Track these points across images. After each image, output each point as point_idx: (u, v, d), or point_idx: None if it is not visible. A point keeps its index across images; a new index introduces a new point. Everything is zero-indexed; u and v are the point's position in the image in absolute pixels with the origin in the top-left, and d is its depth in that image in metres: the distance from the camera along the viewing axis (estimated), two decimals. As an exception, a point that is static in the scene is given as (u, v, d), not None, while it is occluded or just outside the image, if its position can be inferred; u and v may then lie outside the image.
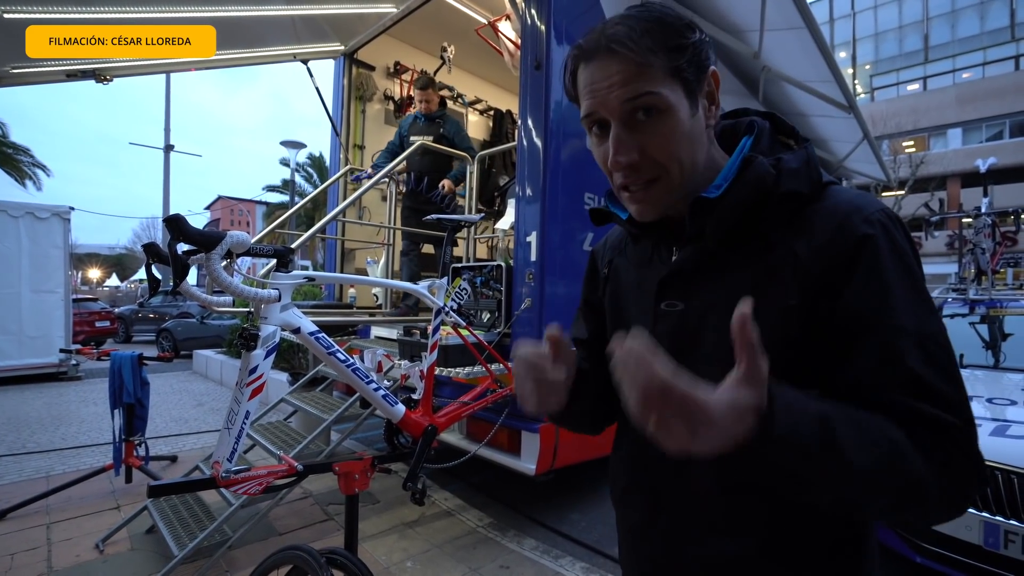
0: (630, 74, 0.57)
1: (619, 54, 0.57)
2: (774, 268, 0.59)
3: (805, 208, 0.60)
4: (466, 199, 4.60)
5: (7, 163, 15.31)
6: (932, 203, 8.58)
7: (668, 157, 0.60)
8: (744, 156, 0.63)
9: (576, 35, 2.72)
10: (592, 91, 0.60)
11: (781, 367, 0.56)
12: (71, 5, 2.83)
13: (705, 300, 0.64)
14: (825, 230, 0.58)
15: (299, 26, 3.98)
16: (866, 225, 0.57)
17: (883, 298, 0.55)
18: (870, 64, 29.26)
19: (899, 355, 0.53)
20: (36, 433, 4.57)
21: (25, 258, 6.76)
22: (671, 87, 0.58)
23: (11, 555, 2.44)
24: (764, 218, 0.61)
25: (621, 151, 0.60)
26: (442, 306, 2.13)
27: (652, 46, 0.57)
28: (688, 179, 0.62)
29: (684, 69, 0.58)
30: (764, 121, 0.68)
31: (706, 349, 0.63)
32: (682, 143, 0.60)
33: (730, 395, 0.44)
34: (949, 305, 4.09)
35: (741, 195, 0.60)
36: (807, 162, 0.62)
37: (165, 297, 13.01)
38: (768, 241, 0.60)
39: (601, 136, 0.62)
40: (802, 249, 0.58)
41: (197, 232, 1.25)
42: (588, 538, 2.75)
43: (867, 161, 7.47)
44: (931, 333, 0.54)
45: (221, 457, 1.46)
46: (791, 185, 0.60)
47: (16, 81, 3.19)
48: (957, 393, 0.54)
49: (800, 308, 0.57)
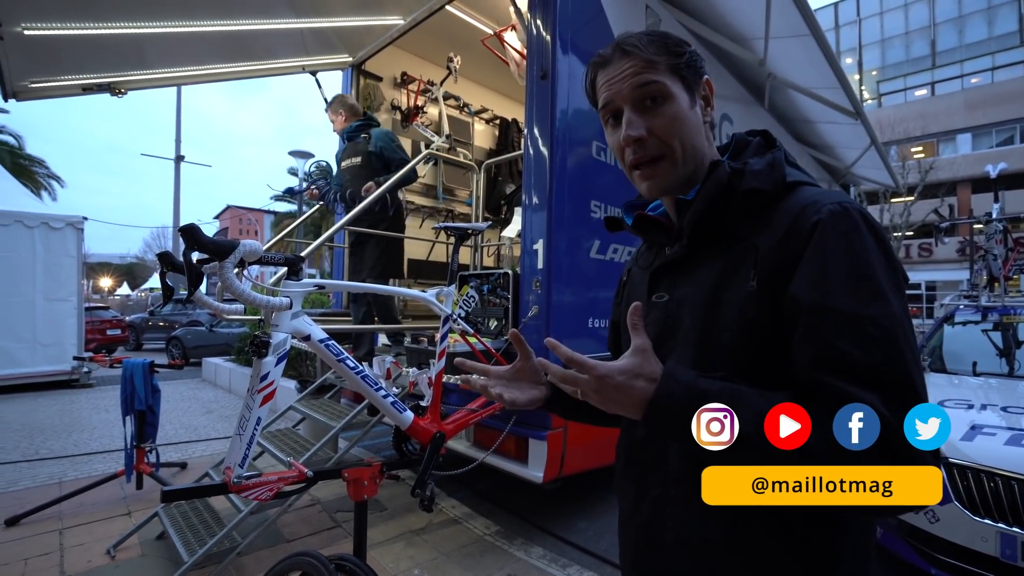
0: (640, 68, 0.69)
1: (631, 53, 0.70)
2: (739, 259, 0.66)
3: (772, 205, 0.67)
4: (472, 208, 4.63)
5: (23, 174, 15.60)
6: (942, 209, 8.50)
7: (672, 135, 0.70)
8: (712, 160, 0.72)
9: (581, 44, 2.76)
10: (608, 85, 0.72)
11: (748, 352, 0.64)
12: (87, 21, 2.90)
13: (683, 291, 0.73)
14: (783, 224, 0.64)
15: (308, 38, 4.05)
16: (815, 216, 0.61)
17: (819, 281, 0.58)
18: (877, 70, 29.17)
19: (823, 334, 0.56)
20: (49, 439, 4.62)
21: (39, 267, 6.87)
22: (673, 81, 0.70)
23: (24, 560, 2.47)
24: (731, 215, 0.69)
25: (632, 127, 0.70)
26: (450, 313, 2.14)
27: (656, 51, 0.70)
28: (690, 161, 0.71)
29: (683, 68, 0.71)
30: (752, 137, 0.77)
31: (683, 334, 0.71)
32: (684, 126, 0.70)
33: (625, 361, 0.60)
34: (961, 312, 4.05)
35: (704, 193, 0.69)
36: (771, 164, 0.69)
37: (175, 305, 13.15)
38: (734, 236, 0.68)
39: (614, 125, 0.73)
40: (762, 242, 0.64)
41: (211, 241, 1.28)
42: (596, 547, 2.73)
43: (875, 167, 7.45)
44: (869, 316, 0.56)
45: (233, 463, 1.47)
46: (752, 183, 0.67)
47: (35, 95, 3.27)
48: (894, 373, 0.54)
49: (757, 295, 0.63)
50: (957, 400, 2.67)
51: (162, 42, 3.42)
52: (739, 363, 0.64)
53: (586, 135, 2.83)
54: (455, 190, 5.53)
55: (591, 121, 2.88)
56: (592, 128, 2.87)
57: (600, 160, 2.90)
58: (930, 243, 21.43)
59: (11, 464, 3.90)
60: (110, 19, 2.98)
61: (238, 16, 3.42)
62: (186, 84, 4.12)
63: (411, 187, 5.03)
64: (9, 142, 16.98)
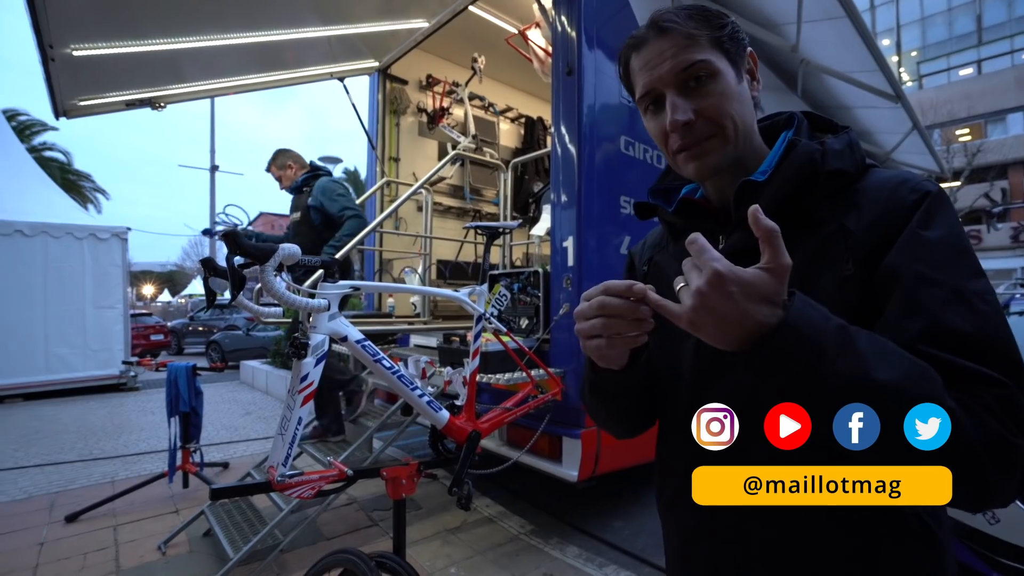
0: (680, 47, 0.63)
1: (669, 31, 0.63)
2: (827, 243, 0.60)
3: (850, 187, 0.63)
4: (500, 207, 4.64)
5: (72, 189, 16.46)
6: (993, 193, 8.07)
7: (722, 114, 0.63)
8: (789, 139, 0.66)
9: (606, 39, 2.72)
10: (647, 68, 0.65)
11: None
12: (130, 39, 3.03)
13: None
14: (876, 203, 0.60)
15: (335, 46, 4.13)
16: (916, 193, 0.58)
17: (922, 253, 0.55)
18: (916, 51, 27.82)
19: (931, 306, 0.52)
20: (101, 441, 4.86)
21: (88, 276, 7.22)
22: (717, 56, 0.63)
23: (84, 555, 2.60)
24: (812, 197, 0.63)
25: (678, 111, 0.63)
26: (483, 312, 2.15)
27: (696, 26, 0.63)
28: (743, 139, 0.65)
29: (726, 41, 0.64)
30: (802, 116, 0.71)
31: None
32: (733, 102, 0.64)
33: (754, 271, 0.47)
34: (1018, 302, 3.83)
35: (788, 174, 0.63)
36: (850, 145, 0.64)
37: (213, 310, 13.64)
38: (817, 219, 0.62)
39: (656, 112, 0.67)
40: (853, 223, 0.60)
41: (252, 246, 1.31)
42: (633, 547, 2.69)
43: (918, 152, 7.11)
44: (975, 290, 0.53)
45: (276, 462, 1.51)
46: (837, 164, 0.62)
47: (83, 112, 3.43)
48: (1006, 349, 0.50)
49: (856, 279, 0.58)
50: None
51: (198, 56, 3.54)
52: None
53: (613, 130, 2.79)
54: (482, 190, 5.55)
55: (618, 116, 2.84)
56: (619, 123, 2.84)
57: (628, 155, 2.86)
58: (979, 230, 20.34)
59: (69, 464, 4.12)
60: (151, 36, 3.10)
61: (269, 27, 3.51)
62: (220, 95, 4.26)
63: (438, 187, 5.08)
64: (59, 158, 17.95)
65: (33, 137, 17.21)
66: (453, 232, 5.07)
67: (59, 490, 3.54)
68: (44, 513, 3.14)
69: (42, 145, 17.64)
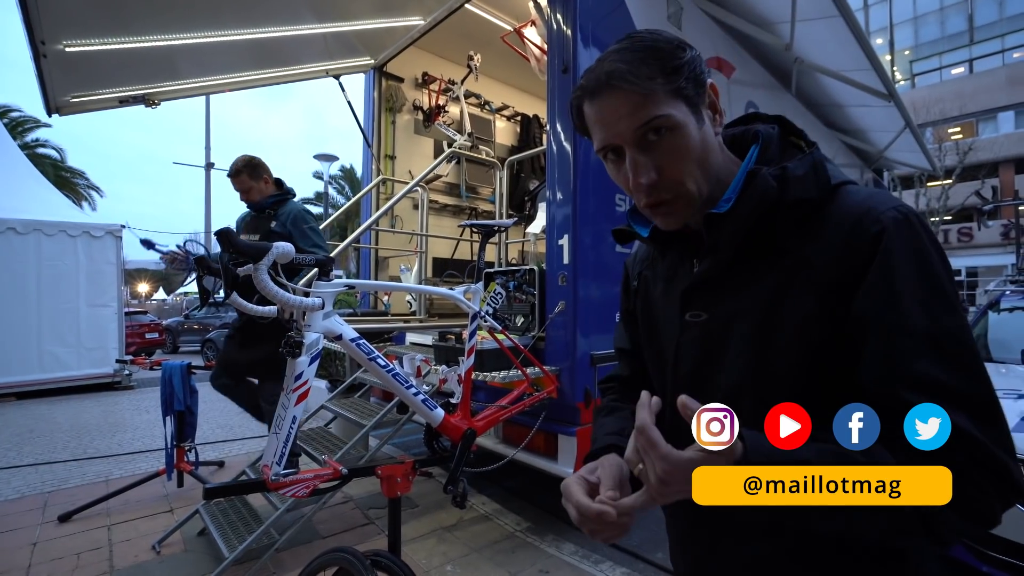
0: (635, 104, 0.60)
1: (622, 89, 0.60)
2: (790, 276, 0.61)
3: (818, 212, 0.62)
4: (496, 205, 4.64)
5: (66, 186, 16.35)
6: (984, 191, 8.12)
7: (684, 174, 0.63)
8: (748, 170, 0.65)
9: (602, 36, 2.72)
10: (603, 125, 0.64)
11: (808, 376, 0.60)
12: (123, 35, 3.01)
13: (728, 309, 0.66)
14: (838, 234, 0.59)
15: (331, 43, 4.11)
16: (876, 226, 0.57)
17: (890, 299, 0.55)
18: (909, 49, 27.95)
19: (903, 356, 0.53)
20: (95, 439, 4.83)
21: (82, 274, 7.16)
22: (676, 106, 0.61)
23: (77, 554, 2.59)
24: (776, 227, 0.63)
25: (641, 173, 0.62)
26: (477, 311, 2.15)
27: (650, 73, 0.60)
28: (706, 186, 0.65)
29: (684, 87, 0.61)
30: (771, 127, 0.70)
31: (731, 355, 0.65)
32: (694, 156, 0.63)
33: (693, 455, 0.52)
34: (1008, 298, 3.86)
35: (747, 208, 0.62)
36: (813, 167, 0.63)
37: (208, 309, 13.58)
38: (782, 249, 0.62)
39: (617, 161, 0.66)
40: (815, 255, 0.60)
41: (246, 244, 1.31)
42: (628, 543, 2.71)
43: (910, 150, 7.17)
44: (946, 331, 0.54)
45: (270, 461, 1.51)
46: (798, 193, 0.61)
47: (75, 109, 3.41)
48: (974, 390, 0.52)
49: (819, 316, 0.58)
50: (1005, 390, 2.55)
51: (193, 52, 3.52)
52: (796, 389, 0.59)
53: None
54: (478, 188, 5.55)
55: (614, 114, 2.84)
56: (615, 121, 2.84)
57: (624, 153, 2.86)
58: (970, 227, 20.47)
59: (62, 463, 4.10)
60: (145, 32, 3.09)
61: (264, 24, 3.50)
62: (215, 92, 4.24)
63: (434, 185, 5.08)
64: (52, 155, 17.82)
65: (26, 134, 17.08)
66: (449, 230, 5.07)
67: (52, 489, 3.52)
68: (37, 513, 3.12)
69: (35, 142, 17.52)
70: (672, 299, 0.74)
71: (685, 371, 0.71)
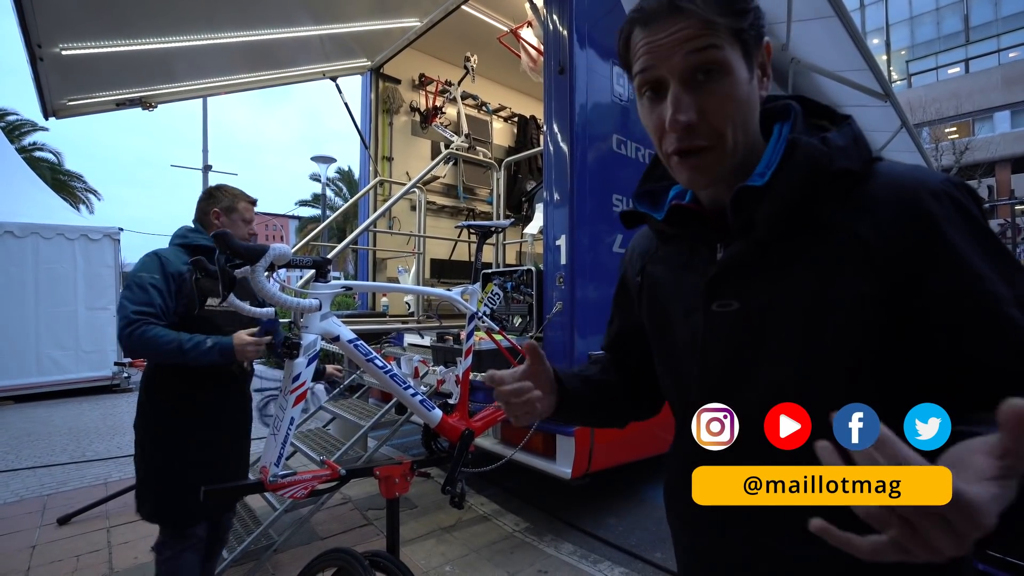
0: (696, 31, 0.55)
1: (685, 11, 0.55)
2: (838, 254, 0.55)
3: (857, 187, 0.57)
4: (493, 206, 4.65)
5: (63, 189, 16.33)
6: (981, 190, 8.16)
7: (726, 120, 0.57)
8: (788, 138, 0.60)
9: (598, 38, 2.73)
10: (652, 48, 0.57)
11: (865, 361, 0.55)
12: (120, 38, 3.01)
13: (766, 297, 0.60)
14: (889, 208, 0.54)
15: (327, 45, 4.12)
16: (935, 201, 0.53)
17: (971, 272, 0.51)
18: (905, 49, 28.05)
19: (1007, 323, 0.50)
20: (94, 442, 4.82)
21: (80, 278, 7.15)
22: (734, 50, 0.56)
23: (76, 557, 2.59)
24: (818, 201, 0.57)
25: (681, 109, 0.56)
26: (475, 311, 2.16)
27: (718, 9, 0.55)
28: (741, 148, 0.59)
29: (746, 32, 0.57)
30: (797, 105, 0.65)
31: (772, 347, 0.59)
32: (740, 107, 0.58)
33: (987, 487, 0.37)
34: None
35: (793, 179, 0.56)
36: (855, 139, 0.59)
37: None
38: (825, 225, 0.57)
39: (654, 100, 0.60)
40: (866, 230, 0.54)
41: (242, 246, 1.31)
42: (626, 543, 2.71)
43: (907, 150, 7.18)
44: None
45: (268, 462, 1.51)
46: (843, 163, 0.56)
47: (72, 112, 3.40)
48: None
49: (876, 296, 0.54)
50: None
51: (189, 55, 3.52)
52: (854, 379, 0.55)
53: (605, 129, 2.81)
54: (475, 189, 5.56)
55: (610, 114, 2.86)
56: (611, 121, 2.85)
57: (620, 153, 2.87)
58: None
59: (61, 466, 4.09)
60: (141, 35, 3.08)
61: (260, 26, 3.50)
62: (212, 95, 4.24)
63: (432, 186, 5.09)
64: (49, 159, 17.80)
65: (23, 137, 17.05)
66: (447, 231, 5.07)
67: (51, 492, 3.51)
68: (36, 516, 3.11)
69: (32, 145, 17.49)
70: (687, 289, 0.68)
71: (715, 367, 0.65)
